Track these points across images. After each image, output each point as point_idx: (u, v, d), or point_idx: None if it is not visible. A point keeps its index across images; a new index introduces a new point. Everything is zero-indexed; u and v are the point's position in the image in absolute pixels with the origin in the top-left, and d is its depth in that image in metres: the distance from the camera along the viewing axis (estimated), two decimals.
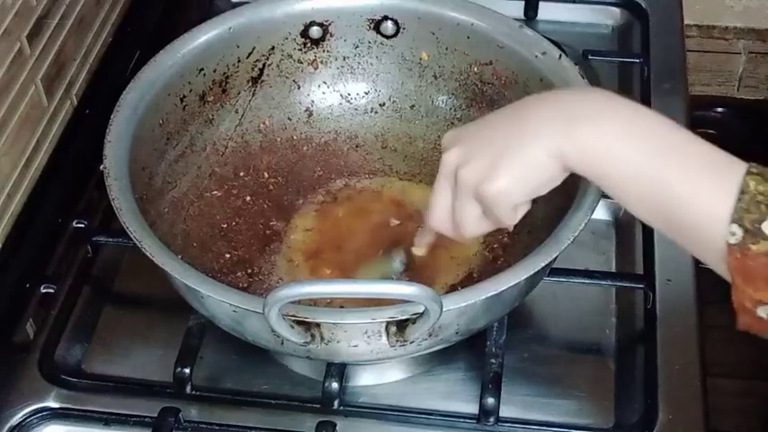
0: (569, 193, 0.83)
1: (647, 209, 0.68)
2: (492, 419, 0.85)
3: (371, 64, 1.04)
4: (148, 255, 0.79)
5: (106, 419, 0.87)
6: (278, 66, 1.03)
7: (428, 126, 1.04)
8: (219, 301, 0.77)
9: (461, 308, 0.76)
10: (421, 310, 0.73)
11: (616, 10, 1.25)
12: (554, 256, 0.79)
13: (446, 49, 1.01)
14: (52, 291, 0.97)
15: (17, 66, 0.97)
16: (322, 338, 0.77)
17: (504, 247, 0.94)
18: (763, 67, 1.76)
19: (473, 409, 0.86)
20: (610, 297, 0.96)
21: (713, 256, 0.64)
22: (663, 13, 1.23)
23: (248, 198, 1.00)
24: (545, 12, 1.24)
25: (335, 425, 0.84)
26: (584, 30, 1.25)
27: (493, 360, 0.87)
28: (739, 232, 0.62)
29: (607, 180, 0.68)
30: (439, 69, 1.02)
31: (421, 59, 1.03)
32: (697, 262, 0.96)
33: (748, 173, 0.62)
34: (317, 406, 0.86)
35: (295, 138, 1.04)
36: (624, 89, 1.16)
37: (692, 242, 0.66)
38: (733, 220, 0.62)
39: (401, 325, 0.76)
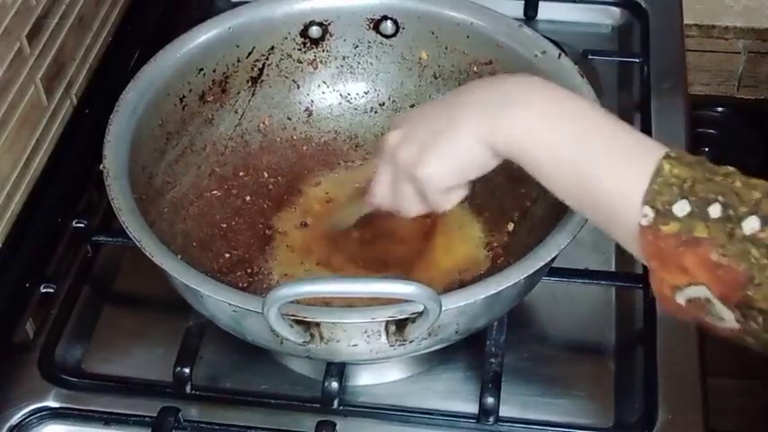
0: None
1: (569, 193, 0.69)
2: (492, 419, 0.85)
3: (371, 64, 1.04)
4: (148, 254, 0.79)
5: (106, 419, 0.87)
6: (277, 65, 1.03)
7: None
8: (219, 300, 0.77)
9: (461, 307, 0.76)
10: (420, 310, 0.73)
11: (616, 10, 1.25)
12: (553, 256, 0.79)
13: (446, 48, 1.01)
14: (52, 290, 0.97)
15: (17, 65, 0.97)
16: (321, 338, 0.77)
17: (504, 246, 0.94)
18: (763, 66, 1.76)
19: (473, 408, 0.86)
20: (610, 297, 0.96)
21: (629, 239, 0.65)
22: (663, 12, 1.23)
23: (248, 198, 1.00)
24: (545, 11, 1.24)
25: (335, 424, 0.84)
26: (584, 29, 1.25)
27: (493, 359, 0.86)
28: (651, 213, 0.62)
29: (532, 164, 0.70)
30: (438, 69, 1.02)
31: (420, 59, 1.03)
32: None
33: (665, 157, 0.63)
34: (317, 405, 0.86)
35: (295, 137, 1.04)
36: (624, 89, 1.16)
37: (610, 225, 0.68)
38: (645, 202, 0.63)
39: (401, 324, 0.76)
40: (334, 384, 0.85)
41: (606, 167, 0.66)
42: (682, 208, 0.62)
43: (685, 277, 0.63)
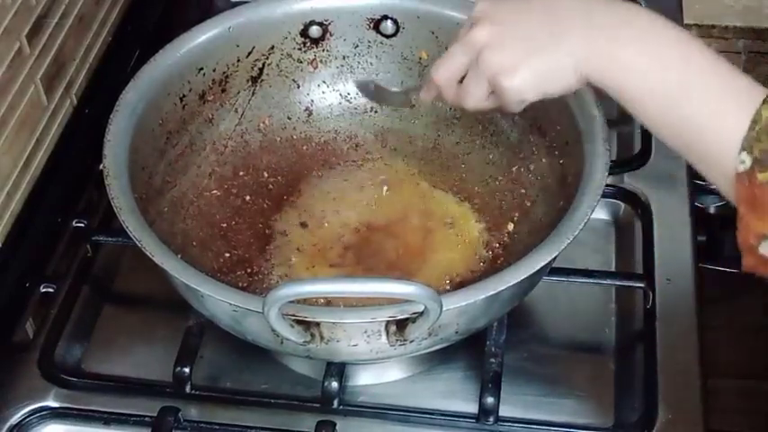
0: (569, 192, 0.83)
1: (664, 126, 0.68)
2: (492, 419, 0.85)
3: (371, 63, 1.04)
4: (148, 254, 0.79)
5: (106, 419, 0.87)
6: (277, 65, 1.03)
7: (427, 125, 1.04)
8: (219, 300, 0.77)
9: (461, 307, 0.76)
10: (421, 310, 0.73)
11: None
12: (554, 256, 0.79)
13: (446, 48, 1.00)
14: (52, 290, 0.97)
15: (17, 65, 0.97)
16: (322, 338, 0.77)
17: (505, 246, 0.93)
18: (763, 66, 1.76)
19: (473, 408, 0.86)
20: (610, 297, 0.96)
21: (724, 182, 0.64)
22: (662, 12, 1.20)
23: (248, 197, 1.00)
24: None
25: (335, 424, 0.84)
26: None
27: (492, 359, 0.86)
28: (748, 160, 0.62)
29: (627, 93, 0.69)
30: None
31: (420, 59, 1.03)
32: (696, 261, 0.96)
33: (765, 102, 0.62)
34: (317, 405, 0.86)
35: (294, 137, 1.04)
36: None
37: (705, 165, 0.67)
38: (743, 148, 0.62)
39: (401, 324, 0.76)
40: (334, 384, 0.85)
41: (707, 108, 0.65)
42: None
43: None
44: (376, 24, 1.02)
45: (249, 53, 1.01)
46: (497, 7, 0.75)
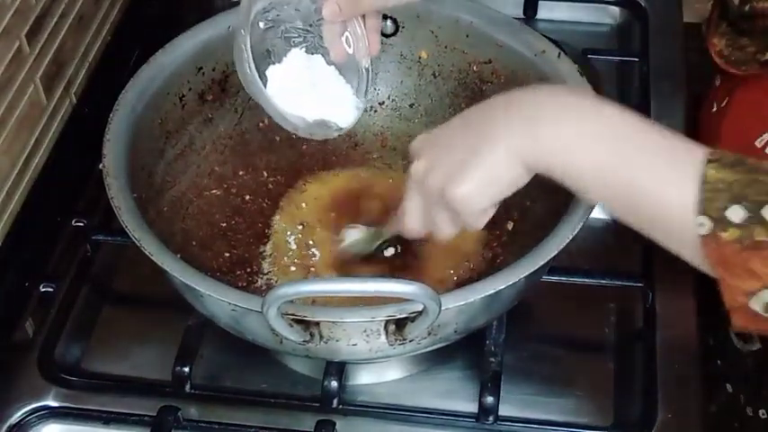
0: (569, 192, 0.83)
1: (615, 205, 0.68)
2: (491, 418, 0.85)
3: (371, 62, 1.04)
4: (147, 254, 0.79)
5: (105, 418, 0.87)
6: None
7: (427, 125, 1.03)
8: (219, 299, 0.77)
9: (460, 306, 0.76)
10: (420, 309, 0.73)
11: (615, 9, 1.25)
12: (553, 255, 0.79)
13: (445, 47, 1.01)
14: (51, 290, 0.97)
15: (16, 64, 0.97)
16: (321, 337, 0.77)
17: (504, 245, 0.94)
18: None
19: (472, 407, 0.86)
20: (610, 297, 0.96)
21: (686, 248, 0.64)
22: (662, 11, 1.23)
23: (247, 197, 1.00)
24: (544, 10, 1.24)
25: (335, 424, 0.84)
26: (584, 28, 1.25)
27: (492, 359, 0.87)
28: (707, 222, 0.62)
29: (573, 179, 0.68)
30: (438, 68, 1.02)
31: (420, 58, 1.03)
32: None
33: (707, 161, 0.62)
34: (317, 405, 0.86)
35: (294, 136, 1.04)
36: (623, 88, 1.16)
37: (664, 235, 0.66)
38: (699, 212, 0.62)
39: (400, 323, 0.76)
40: (334, 383, 0.85)
41: (649, 180, 0.65)
42: (736, 213, 0.61)
43: (756, 281, 0.61)
44: None
45: None
46: (428, 137, 0.76)
